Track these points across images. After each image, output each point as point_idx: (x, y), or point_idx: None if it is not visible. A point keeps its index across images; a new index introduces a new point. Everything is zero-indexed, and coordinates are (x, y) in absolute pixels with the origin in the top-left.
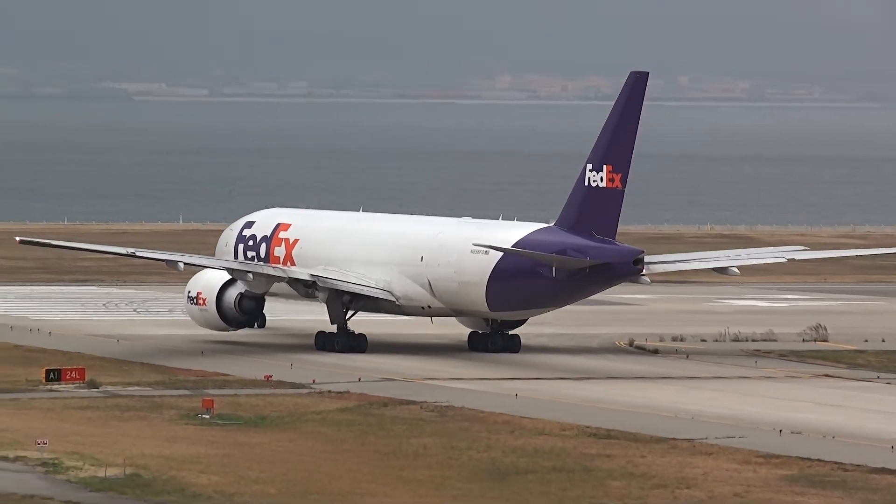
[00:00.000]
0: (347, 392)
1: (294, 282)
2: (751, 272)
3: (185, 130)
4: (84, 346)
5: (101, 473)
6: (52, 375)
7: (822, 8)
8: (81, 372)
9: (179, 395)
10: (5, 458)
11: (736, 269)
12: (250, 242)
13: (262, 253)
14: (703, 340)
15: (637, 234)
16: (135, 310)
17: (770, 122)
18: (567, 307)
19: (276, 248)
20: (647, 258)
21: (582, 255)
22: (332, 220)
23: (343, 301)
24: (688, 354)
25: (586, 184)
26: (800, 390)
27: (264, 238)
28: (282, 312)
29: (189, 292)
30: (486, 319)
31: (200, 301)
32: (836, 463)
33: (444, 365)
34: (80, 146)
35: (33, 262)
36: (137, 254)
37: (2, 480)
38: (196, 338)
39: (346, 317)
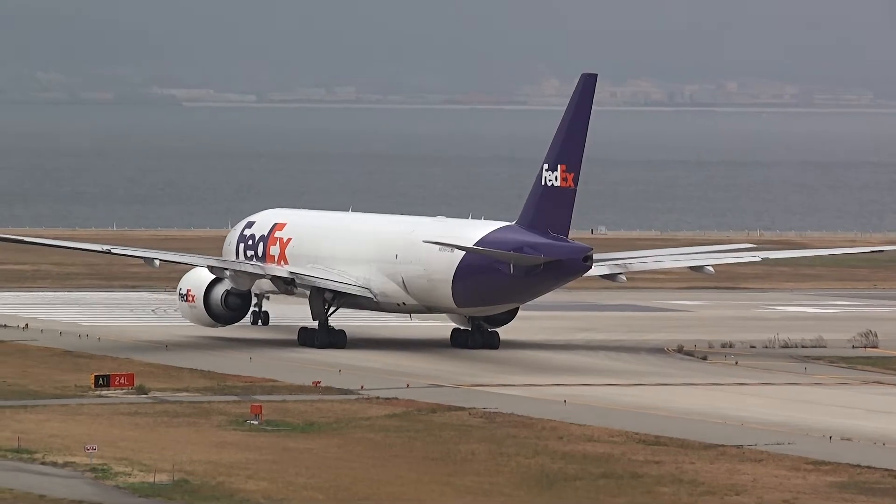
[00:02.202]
0: (395, 398)
1: (275, 279)
2: (801, 279)
3: (234, 136)
4: (133, 352)
5: (149, 479)
6: (101, 381)
7: (871, 13)
8: (130, 378)
9: (228, 401)
10: (55, 464)
11: (710, 268)
12: (250, 242)
13: (260, 251)
14: (753, 347)
15: (685, 240)
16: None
17: (818, 127)
18: (620, 313)
19: (272, 247)
20: (624, 257)
21: (537, 252)
22: (322, 219)
23: (325, 298)
24: (737, 361)
25: (543, 183)
26: (850, 397)
27: (262, 237)
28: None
29: (180, 289)
30: (468, 317)
31: (190, 298)
32: (886, 470)
33: (492, 370)
34: (129, 152)
35: (83, 268)
36: (113, 251)
37: (51, 486)
38: (245, 343)
39: (328, 313)
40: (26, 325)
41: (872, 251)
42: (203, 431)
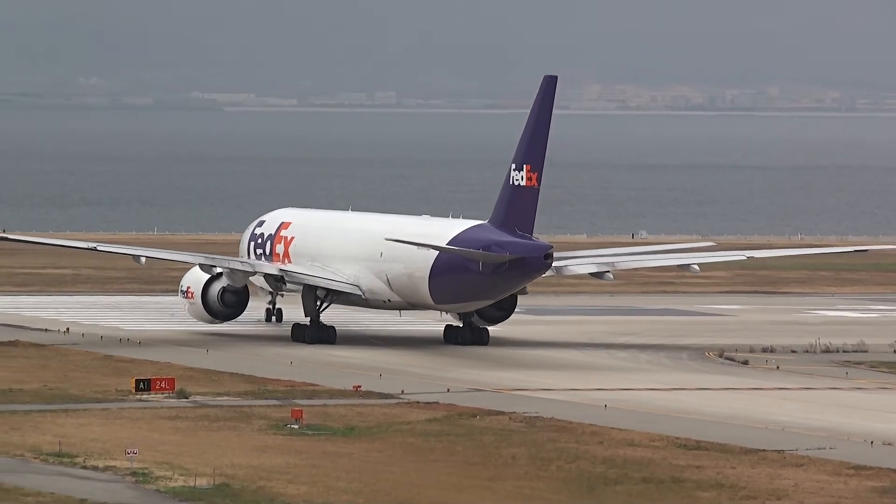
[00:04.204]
0: (436, 402)
1: (266, 276)
2: (843, 283)
3: (275, 140)
4: (173, 356)
5: (190, 483)
6: (141, 385)
7: None
8: (171, 382)
9: (268, 406)
10: (95, 468)
11: (696, 267)
12: (259, 240)
13: (267, 250)
14: (794, 351)
15: (726, 244)
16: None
17: (859, 132)
18: (661, 318)
19: (278, 246)
20: (611, 255)
21: (503, 250)
22: (321, 219)
23: (318, 295)
24: (778, 365)
25: (511, 183)
26: (891, 401)
27: (270, 236)
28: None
29: (181, 286)
30: (458, 314)
31: (189, 294)
32: None
33: (532, 375)
34: (170, 157)
35: (123, 273)
36: (99, 248)
37: (92, 490)
38: (285, 347)
39: (319, 309)
40: (67, 329)
41: (856, 250)
42: (244, 436)
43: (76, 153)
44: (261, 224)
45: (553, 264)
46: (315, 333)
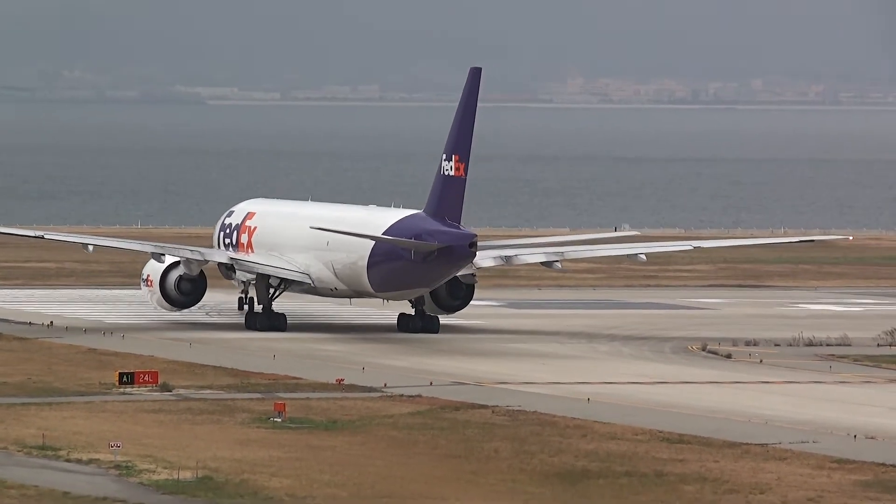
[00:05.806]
0: (419, 396)
1: (219, 265)
2: (826, 277)
3: (258, 134)
4: (157, 350)
5: (173, 476)
6: (125, 378)
7: None
8: (154, 375)
9: (251, 399)
10: (79, 461)
11: (643, 257)
12: (227, 230)
13: (234, 240)
14: (777, 345)
15: (710, 237)
16: (207, 313)
17: (843, 125)
18: (645, 311)
19: (243, 235)
20: (557, 245)
21: (433, 239)
22: (282, 208)
23: (271, 283)
24: (761, 359)
25: (442, 173)
26: (874, 395)
27: (236, 226)
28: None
29: (142, 275)
30: (410, 301)
31: (149, 283)
32: None
33: (515, 369)
34: (154, 150)
35: (107, 266)
36: (46, 236)
37: (75, 483)
38: (268, 341)
39: (271, 297)
40: (51, 322)
41: (802, 241)
42: (227, 429)
43: (61, 146)
44: (230, 215)
45: (503, 254)
46: (266, 321)
